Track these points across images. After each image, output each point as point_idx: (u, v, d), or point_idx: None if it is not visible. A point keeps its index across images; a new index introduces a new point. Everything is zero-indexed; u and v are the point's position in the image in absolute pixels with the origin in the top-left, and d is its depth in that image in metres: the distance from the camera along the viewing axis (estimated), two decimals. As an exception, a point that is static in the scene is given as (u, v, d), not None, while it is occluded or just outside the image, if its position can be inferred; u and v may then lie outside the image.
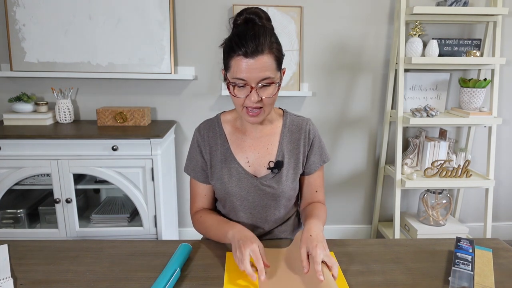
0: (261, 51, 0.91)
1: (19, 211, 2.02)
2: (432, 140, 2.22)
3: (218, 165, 1.10)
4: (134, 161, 1.89)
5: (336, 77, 2.30)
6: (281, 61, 0.99)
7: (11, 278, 0.87)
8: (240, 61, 0.92)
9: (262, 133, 1.11)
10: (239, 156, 1.10)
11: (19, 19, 2.07)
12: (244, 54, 0.91)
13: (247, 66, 0.92)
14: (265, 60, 0.92)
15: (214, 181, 1.11)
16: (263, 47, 0.92)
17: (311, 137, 1.13)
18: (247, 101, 0.97)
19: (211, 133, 1.12)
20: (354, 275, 0.90)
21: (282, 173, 1.09)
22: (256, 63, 0.92)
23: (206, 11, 2.17)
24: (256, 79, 0.93)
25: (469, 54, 2.07)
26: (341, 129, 2.38)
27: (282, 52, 0.99)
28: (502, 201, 2.58)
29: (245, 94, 0.96)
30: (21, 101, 2.09)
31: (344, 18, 2.22)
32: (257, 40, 0.91)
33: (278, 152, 1.10)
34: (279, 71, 1.00)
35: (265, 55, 0.92)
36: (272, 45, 0.95)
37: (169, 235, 2.16)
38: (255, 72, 0.92)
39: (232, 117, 1.14)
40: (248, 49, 0.91)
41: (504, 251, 1.03)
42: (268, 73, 0.94)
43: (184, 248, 0.96)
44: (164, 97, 2.27)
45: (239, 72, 0.93)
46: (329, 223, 2.55)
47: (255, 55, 0.91)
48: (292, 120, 1.14)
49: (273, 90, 0.97)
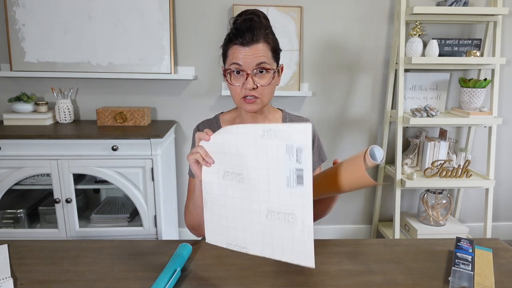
0: (256, 40, 0.96)
1: (19, 211, 2.02)
2: (432, 140, 2.22)
3: None
4: (134, 161, 1.89)
5: (336, 77, 2.30)
6: (277, 52, 1.03)
7: (11, 278, 0.87)
8: (236, 49, 0.97)
9: None
10: None
11: (19, 19, 2.07)
12: (240, 44, 0.96)
13: (243, 54, 0.96)
14: (260, 48, 0.97)
15: None
16: (258, 37, 0.97)
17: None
18: (244, 89, 0.99)
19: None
20: (354, 275, 0.90)
21: None
22: (251, 50, 0.96)
23: (206, 11, 2.17)
24: (251, 65, 0.97)
25: (469, 54, 2.07)
26: (341, 129, 2.38)
27: (278, 44, 1.03)
28: (502, 201, 2.58)
29: (242, 82, 0.99)
30: (21, 101, 2.09)
31: (344, 18, 2.22)
32: (253, 31, 0.96)
33: None
34: (276, 62, 1.03)
35: (260, 43, 0.97)
36: (268, 35, 1.00)
37: (169, 235, 2.16)
38: (250, 58, 0.96)
39: (230, 117, 1.16)
40: (244, 39, 0.96)
41: (504, 251, 1.03)
42: (263, 58, 0.97)
43: (184, 248, 0.96)
44: (164, 97, 2.27)
45: (235, 59, 0.97)
46: (329, 223, 2.55)
47: (251, 44, 0.96)
48: (291, 120, 1.16)
49: (269, 79, 1.00)
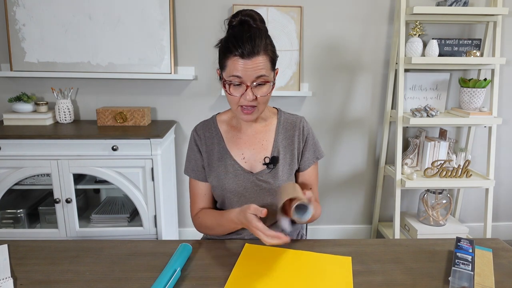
0: (256, 53, 0.96)
1: (19, 211, 2.02)
2: (432, 140, 2.22)
3: (215, 163, 1.12)
4: (134, 161, 1.89)
5: (336, 77, 2.30)
6: (275, 62, 1.04)
7: (11, 278, 0.87)
8: (236, 61, 0.96)
9: (257, 130, 1.14)
10: (235, 153, 1.12)
11: (19, 19, 2.07)
12: (240, 55, 0.96)
13: (243, 66, 0.96)
14: (260, 60, 0.97)
15: (211, 179, 1.13)
16: (259, 49, 0.97)
17: (305, 133, 1.16)
18: (242, 99, 1.00)
19: (207, 133, 1.16)
20: (354, 275, 0.90)
21: (278, 169, 1.11)
22: (252, 63, 0.96)
23: (206, 11, 2.17)
24: (251, 78, 0.97)
25: (469, 54, 2.07)
26: (341, 129, 2.38)
27: (276, 53, 1.04)
28: (502, 201, 2.58)
29: (241, 93, 1.00)
30: (21, 101, 2.09)
31: (344, 18, 2.22)
32: (253, 42, 0.96)
33: (273, 148, 1.12)
34: (273, 71, 1.04)
35: (260, 56, 0.97)
36: (267, 46, 1.00)
37: (169, 235, 2.16)
38: (251, 71, 0.96)
39: (227, 117, 1.18)
40: (244, 50, 0.95)
41: (504, 251, 1.03)
42: (263, 72, 0.98)
43: (184, 248, 0.96)
44: (164, 97, 2.27)
45: (235, 71, 0.97)
46: (329, 223, 2.55)
47: (251, 56, 0.96)
48: (286, 118, 1.17)
49: (268, 89, 1.01)
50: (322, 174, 2.44)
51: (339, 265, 0.94)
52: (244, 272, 0.90)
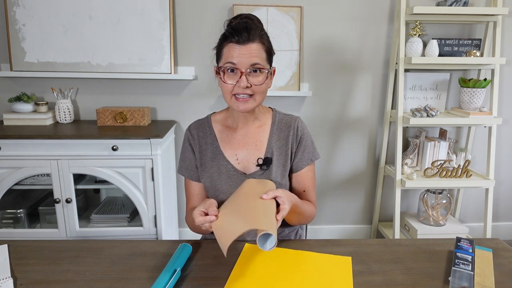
0: (252, 40, 0.98)
1: (19, 211, 2.02)
2: (432, 140, 2.22)
3: (208, 163, 1.12)
4: (134, 161, 1.89)
5: (336, 77, 2.30)
6: (271, 54, 1.05)
7: (11, 278, 0.87)
8: (231, 47, 0.99)
9: (252, 130, 1.13)
10: (228, 154, 1.12)
11: (19, 19, 2.07)
12: (236, 42, 0.98)
13: (238, 52, 0.98)
14: (255, 47, 0.99)
15: (204, 179, 1.12)
16: (254, 37, 0.99)
17: (299, 134, 1.14)
18: (237, 87, 1.00)
19: (201, 132, 1.15)
20: (354, 275, 0.90)
21: (271, 170, 1.09)
22: (247, 49, 0.98)
23: (206, 11, 2.17)
24: (245, 64, 0.98)
25: (469, 54, 2.07)
26: (341, 129, 2.38)
27: (272, 47, 1.05)
28: (502, 201, 2.58)
29: (235, 80, 1.00)
30: (21, 101, 2.09)
31: (344, 18, 2.22)
32: (249, 31, 0.98)
33: (267, 149, 1.11)
34: (269, 63, 1.05)
35: (255, 43, 0.99)
36: (263, 36, 1.02)
37: (169, 235, 2.16)
38: (245, 57, 0.98)
39: (222, 117, 1.17)
40: (240, 37, 0.97)
41: (504, 251, 1.03)
42: (258, 59, 0.99)
43: (184, 248, 0.96)
44: (164, 97, 2.27)
45: (230, 57, 0.99)
46: (329, 223, 2.55)
47: (246, 43, 0.98)
48: (281, 118, 1.16)
49: (263, 79, 1.02)
50: (322, 174, 2.44)
51: (339, 265, 0.94)
52: (244, 272, 0.90)
